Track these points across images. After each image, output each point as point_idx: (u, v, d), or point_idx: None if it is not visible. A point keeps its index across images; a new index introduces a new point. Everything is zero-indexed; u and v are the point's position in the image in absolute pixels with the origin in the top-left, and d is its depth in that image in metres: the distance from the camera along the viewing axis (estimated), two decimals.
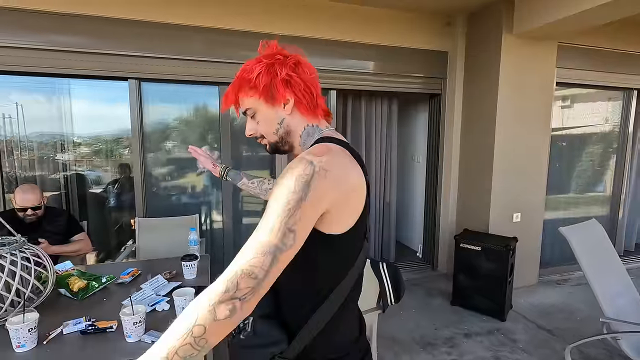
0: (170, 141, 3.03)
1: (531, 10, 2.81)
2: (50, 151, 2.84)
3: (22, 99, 2.70)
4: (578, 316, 2.87)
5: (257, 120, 0.82)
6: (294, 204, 0.62)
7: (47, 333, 1.27)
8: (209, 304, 0.58)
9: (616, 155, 3.97)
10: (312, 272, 0.75)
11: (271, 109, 0.80)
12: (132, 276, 1.78)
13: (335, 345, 0.80)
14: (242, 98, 0.81)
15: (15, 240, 1.41)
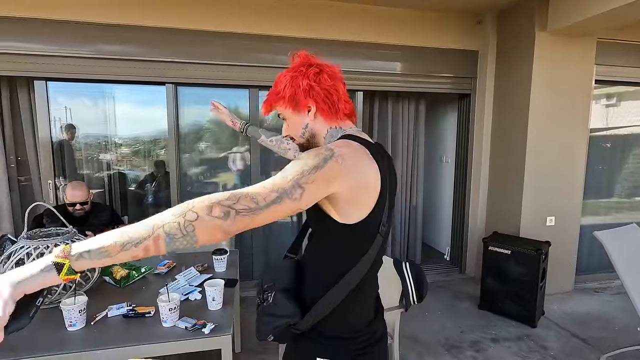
0: (203, 142, 3.19)
1: (569, 5, 2.70)
2: (95, 151, 3.07)
3: (71, 103, 2.94)
4: (616, 326, 2.73)
5: (287, 125, 0.93)
6: (309, 169, 0.70)
7: (94, 315, 1.41)
8: (209, 201, 0.63)
9: None
10: (333, 255, 0.85)
11: (297, 115, 0.90)
12: (168, 267, 1.92)
13: (348, 325, 0.87)
14: (273, 106, 0.92)
15: (67, 230, 1.57)
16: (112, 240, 0.60)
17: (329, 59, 0.92)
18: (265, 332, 0.87)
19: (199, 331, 1.32)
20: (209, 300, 1.48)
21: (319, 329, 0.85)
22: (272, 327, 0.85)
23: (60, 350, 1.22)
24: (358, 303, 0.88)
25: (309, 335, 0.86)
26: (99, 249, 0.59)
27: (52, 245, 1.44)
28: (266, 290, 0.90)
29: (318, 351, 0.85)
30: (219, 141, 3.19)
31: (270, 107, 0.93)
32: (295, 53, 0.92)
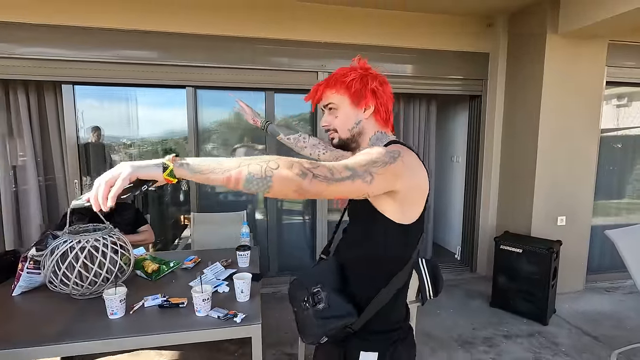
0: (221, 142, 3.30)
1: (579, 8, 2.75)
2: (117, 152, 3.19)
3: (95, 104, 3.06)
4: (628, 325, 2.76)
5: (336, 115, 0.95)
6: (380, 162, 0.76)
7: (131, 305, 1.51)
8: (292, 159, 0.70)
9: None
10: (383, 254, 0.89)
11: (353, 109, 0.94)
12: (194, 263, 2.01)
13: (391, 321, 0.94)
14: (329, 93, 0.95)
15: (104, 226, 1.67)
16: (207, 163, 0.69)
17: (345, 62, 1.03)
18: (319, 335, 0.88)
19: (231, 320, 1.41)
20: (238, 292, 1.57)
21: (367, 326, 0.90)
22: (328, 329, 0.87)
23: (106, 336, 1.31)
24: (400, 299, 0.95)
25: (358, 333, 0.90)
26: (196, 165, 0.69)
27: (92, 239, 1.54)
28: (316, 293, 0.89)
29: (363, 346, 0.90)
30: (235, 141, 3.30)
31: (322, 93, 0.95)
32: (359, 57, 0.97)
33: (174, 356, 2.30)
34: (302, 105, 3.39)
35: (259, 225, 3.45)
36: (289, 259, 3.51)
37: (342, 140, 0.97)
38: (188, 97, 3.04)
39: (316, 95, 0.97)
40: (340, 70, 0.95)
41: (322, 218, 3.39)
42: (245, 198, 3.44)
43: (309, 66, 3.13)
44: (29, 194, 2.94)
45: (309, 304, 0.90)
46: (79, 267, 1.49)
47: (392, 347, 0.92)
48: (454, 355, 2.36)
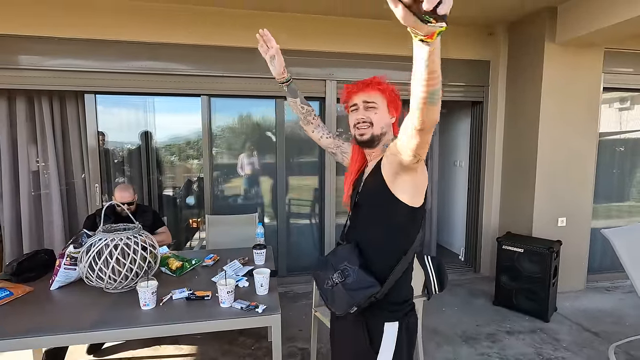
0: (233, 149, 3.45)
1: (576, 18, 2.88)
2: (136, 156, 3.35)
3: (113, 111, 3.22)
4: (627, 321, 2.86)
5: (375, 112, 1.12)
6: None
7: (161, 298, 1.64)
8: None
9: None
10: (397, 234, 1.07)
11: (387, 113, 1.15)
12: (214, 261, 2.15)
13: (402, 294, 1.11)
14: (376, 93, 1.13)
15: (134, 226, 1.81)
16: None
17: (352, 70, 1.22)
18: (350, 305, 1.03)
19: (253, 311, 1.54)
20: (257, 286, 1.70)
21: (386, 297, 1.06)
22: (357, 300, 1.02)
23: (141, 324, 1.45)
24: (408, 276, 1.13)
25: (379, 304, 1.05)
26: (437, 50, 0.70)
27: (125, 237, 1.68)
28: (344, 270, 1.06)
29: (386, 317, 1.07)
30: (246, 147, 3.45)
31: (371, 91, 1.12)
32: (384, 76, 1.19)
33: (192, 350, 2.43)
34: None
35: (268, 227, 3.58)
36: (298, 260, 3.63)
37: (373, 135, 1.12)
38: (203, 105, 3.19)
39: (372, 87, 1.13)
40: (379, 79, 1.15)
41: (329, 220, 3.51)
42: (255, 202, 3.58)
43: (317, 74, 3.28)
44: (51, 198, 3.09)
45: (338, 279, 1.06)
46: (113, 262, 1.63)
47: (406, 318, 1.09)
48: (459, 350, 2.47)
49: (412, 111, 0.83)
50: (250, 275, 1.88)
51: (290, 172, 3.52)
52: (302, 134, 3.57)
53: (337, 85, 3.32)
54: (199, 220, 3.55)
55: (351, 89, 1.16)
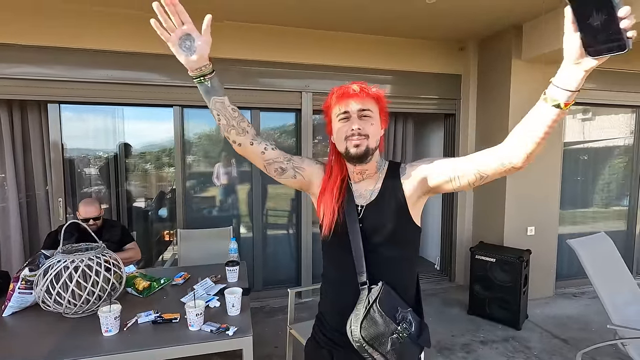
0: (207, 159, 3.37)
1: (539, 37, 3.02)
2: (104, 167, 3.21)
3: (79, 119, 3.08)
4: (593, 327, 2.97)
5: (372, 123, 0.97)
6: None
7: (125, 322, 1.55)
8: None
9: (632, 170, 4.05)
10: (414, 261, 1.06)
11: (379, 124, 1.00)
12: (184, 279, 2.07)
13: None
14: (372, 101, 0.98)
15: (97, 245, 1.72)
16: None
17: (328, 82, 1.17)
18: (419, 353, 0.98)
19: (223, 334, 1.48)
20: (229, 307, 1.65)
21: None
22: (426, 342, 0.99)
23: (102, 352, 1.36)
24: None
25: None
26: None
27: (86, 259, 1.58)
28: (403, 319, 0.93)
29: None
30: (225, 156, 3.39)
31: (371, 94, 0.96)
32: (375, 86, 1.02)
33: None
34: (285, 118, 3.52)
35: (244, 239, 3.50)
36: (274, 273, 3.57)
37: (368, 149, 0.96)
38: (175, 116, 3.11)
39: (368, 93, 0.96)
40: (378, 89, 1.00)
41: (306, 230, 3.48)
42: (230, 213, 3.50)
43: (293, 86, 3.27)
44: (9, 211, 2.90)
45: (405, 332, 0.93)
46: (73, 286, 1.53)
47: None
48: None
49: (516, 151, 0.82)
50: (222, 294, 1.82)
51: (267, 181, 3.48)
52: (280, 141, 3.54)
53: (313, 97, 3.33)
54: (172, 232, 3.43)
55: (343, 92, 0.95)
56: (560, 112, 0.73)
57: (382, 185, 1.01)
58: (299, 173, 1.06)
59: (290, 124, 3.53)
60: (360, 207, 1.01)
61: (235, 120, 0.99)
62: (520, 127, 0.82)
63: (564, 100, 0.71)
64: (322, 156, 3.48)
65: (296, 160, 1.07)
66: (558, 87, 0.71)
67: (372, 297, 0.93)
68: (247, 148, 1.01)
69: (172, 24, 0.86)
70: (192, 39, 0.88)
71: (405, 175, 1.00)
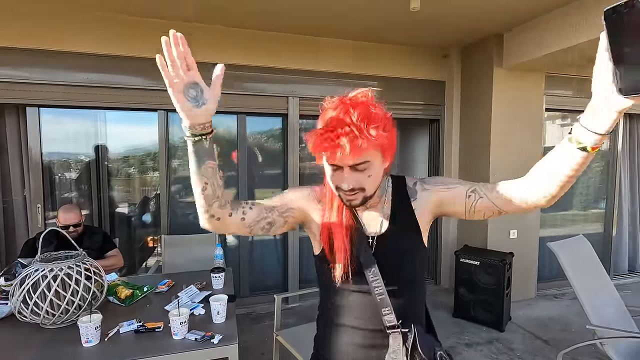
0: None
1: (519, 46, 3.12)
2: (85, 171, 3.13)
3: (59, 122, 3.00)
4: (573, 327, 3.05)
5: (370, 174, 0.79)
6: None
7: (106, 332, 1.51)
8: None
9: (608, 174, 4.19)
10: (425, 286, 0.98)
11: (382, 164, 0.83)
12: (168, 286, 2.03)
13: None
14: (370, 149, 0.76)
15: (77, 253, 1.67)
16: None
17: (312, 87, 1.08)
18: None
19: (208, 342, 1.46)
20: (214, 314, 1.62)
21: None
22: None
23: None
24: None
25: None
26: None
27: (65, 267, 1.54)
28: (442, 357, 0.89)
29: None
30: None
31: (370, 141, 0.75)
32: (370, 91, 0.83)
33: None
34: (271, 123, 3.52)
35: (230, 245, 3.47)
36: (261, 278, 3.54)
37: (366, 198, 0.83)
38: (160, 120, 3.07)
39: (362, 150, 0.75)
40: (368, 105, 0.77)
41: (293, 235, 3.47)
42: None
43: (280, 91, 3.27)
44: None
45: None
46: (51, 295, 1.48)
47: None
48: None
49: (538, 192, 0.74)
50: (207, 302, 1.80)
51: (254, 185, 3.46)
52: (267, 146, 3.53)
53: (300, 102, 3.33)
54: (155, 238, 3.37)
55: (327, 145, 0.74)
56: (587, 156, 0.63)
57: (392, 212, 0.90)
58: (289, 216, 0.90)
59: (277, 129, 3.52)
60: (371, 238, 0.88)
61: (220, 189, 0.81)
62: (544, 164, 0.72)
63: (591, 144, 0.61)
64: (309, 160, 3.49)
65: (279, 204, 0.90)
66: (585, 128, 0.61)
67: (409, 344, 0.85)
68: (226, 221, 0.82)
69: (178, 68, 0.71)
70: (200, 88, 0.73)
71: (417, 200, 0.90)
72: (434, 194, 0.90)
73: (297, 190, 0.95)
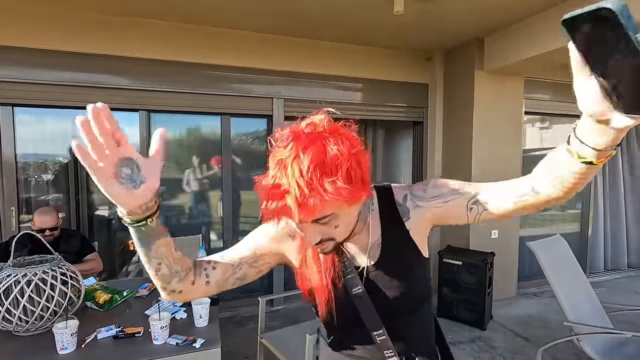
0: (176, 165, 3.27)
1: (499, 50, 3.20)
2: (62, 173, 3.03)
3: (34, 122, 2.90)
4: (552, 325, 3.13)
5: (336, 225, 0.68)
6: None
7: (83, 338, 1.47)
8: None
9: None
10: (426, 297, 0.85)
11: (354, 207, 0.70)
12: (149, 290, 1.98)
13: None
14: (331, 205, 0.63)
15: (53, 257, 1.61)
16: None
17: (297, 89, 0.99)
18: None
19: (190, 346, 1.43)
20: (196, 318, 1.60)
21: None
22: None
23: None
24: None
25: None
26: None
27: (40, 272, 1.48)
28: None
29: None
30: (195, 162, 3.31)
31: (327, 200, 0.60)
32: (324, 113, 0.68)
33: None
34: (256, 124, 3.50)
35: (215, 246, 3.42)
36: None
37: (338, 244, 0.73)
38: (141, 121, 3.00)
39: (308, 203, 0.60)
40: (320, 149, 0.61)
41: None
42: (200, 220, 3.41)
43: (264, 92, 3.25)
44: None
45: None
46: (24, 301, 1.43)
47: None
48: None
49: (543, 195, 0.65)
50: (189, 305, 1.76)
51: (240, 187, 3.42)
52: (252, 148, 3.50)
53: (285, 103, 3.32)
54: None
55: (276, 204, 0.62)
56: (590, 168, 0.54)
57: (382, 235, 0.78)
58: (262, 264, 0.80)
59: (262, 130, 3.50)
60: (363, 269, 0.78)
61: (178, 263, 0.70)
62: (547, 164, 0.65)
63: (594, 159, 0.52)
64: None
65: (246, 254, 0.79)
66: (583, 143, 0.52)
67: None
68: (189, 290, 0.73)
69: (102, 147, 0.52)
70: (135, 164, 0.57)
71: (410, 219, 0.79)
72: (428, 211, 0.78)
73: (261, 232, 0.81)
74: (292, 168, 0.60)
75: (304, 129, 0.65)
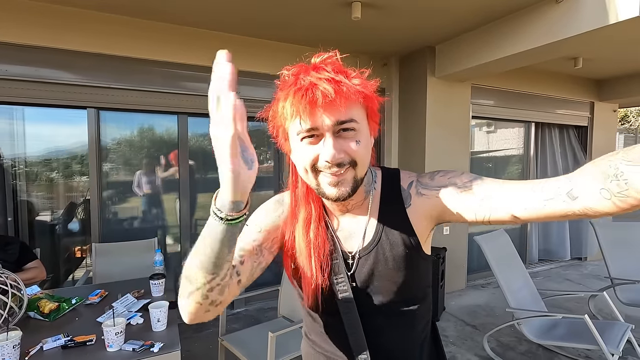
0: (126, 166, 3.12)
1: (449, 58, 3.42)
2: None
3: None
4: (497, 312, 3.40)
5: (357, 140, 0.61)
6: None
7: (26, 351, 1.37)
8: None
9: (524, 176, 4.75)
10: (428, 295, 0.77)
11: (369, 137, 0.65)
12: (101, 297, 1.88)
13: None
14: (357, 105, 0.61)
15: None
16: None
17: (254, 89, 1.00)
18: None
19: (148, 351, 1.39)
20: (154, 322, 1.55)
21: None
22: None
23: None
24: None
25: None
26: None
27: None
28: None
29: None
30: (148, 163, 3.16)
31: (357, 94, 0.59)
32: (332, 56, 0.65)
33: None
34: None
35: (171, 251, 3.31)
36: None
37: (356, 183, 0.64)
38: (89, 118, 2.83)
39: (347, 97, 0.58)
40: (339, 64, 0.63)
41: None
42: (155, 224, 3.28)
43: None
44: None
45: None
46: None
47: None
48: None
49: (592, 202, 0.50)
50: (145, 310, 1.70)
51: (197, 190, 3.33)
52: (210, 149, 3.42)
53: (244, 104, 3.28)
54: (84, 247, 3.09)
55: (306, 100, 0.58)
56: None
57: (380, 218, 0.71)
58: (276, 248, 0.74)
59: None
60: (351, 256, 0.71)
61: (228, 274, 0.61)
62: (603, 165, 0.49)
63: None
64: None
65: (261, 238, 0.72)
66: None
67: None
68: (225, 300, 0.63)
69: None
70: (242, 142, 0.50)
71: (411, 206, 0.71)
72: (432, 201, 0.69)
73: (263, 210, 0.76)
74: (317, 71, 0.60)
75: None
